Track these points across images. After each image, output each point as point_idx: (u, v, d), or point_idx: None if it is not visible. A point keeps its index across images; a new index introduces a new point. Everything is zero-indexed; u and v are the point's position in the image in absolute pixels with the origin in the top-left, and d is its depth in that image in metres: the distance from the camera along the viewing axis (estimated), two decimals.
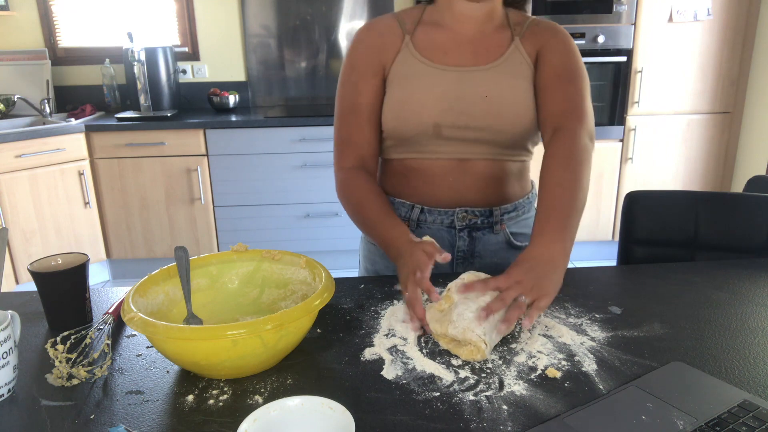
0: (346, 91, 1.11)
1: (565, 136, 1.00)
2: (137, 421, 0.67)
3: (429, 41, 1.09)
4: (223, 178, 3.06)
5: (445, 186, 1.11)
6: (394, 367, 0.77)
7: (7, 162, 2.72)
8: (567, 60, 1.06)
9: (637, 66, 3.11)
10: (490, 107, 1.04)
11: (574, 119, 1.02)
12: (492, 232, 1.14)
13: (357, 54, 1.11)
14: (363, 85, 1.09)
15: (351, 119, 1.10)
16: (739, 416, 0.64)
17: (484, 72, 1.06)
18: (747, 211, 1.30)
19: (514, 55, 1.07)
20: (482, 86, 1.05)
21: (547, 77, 1.05)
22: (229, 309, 0.92)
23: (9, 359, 0.71)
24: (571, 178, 0.95)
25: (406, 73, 1.07)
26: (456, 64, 1.07)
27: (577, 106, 1.03)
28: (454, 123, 1.06)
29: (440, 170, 1.10)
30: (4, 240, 0.91)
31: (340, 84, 1.12)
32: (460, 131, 1.06)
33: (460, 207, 1.11)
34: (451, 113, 1.05)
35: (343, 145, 1.12)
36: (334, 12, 3.39)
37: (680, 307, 0.94)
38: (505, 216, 1.13)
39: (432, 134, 1.07)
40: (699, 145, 3.26)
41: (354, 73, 1.10)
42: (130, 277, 3.27)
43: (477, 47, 1.08)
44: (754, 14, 3.09)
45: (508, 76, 1.06)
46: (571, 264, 1.11)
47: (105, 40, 3.39)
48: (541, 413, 0.67)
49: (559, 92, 1.04)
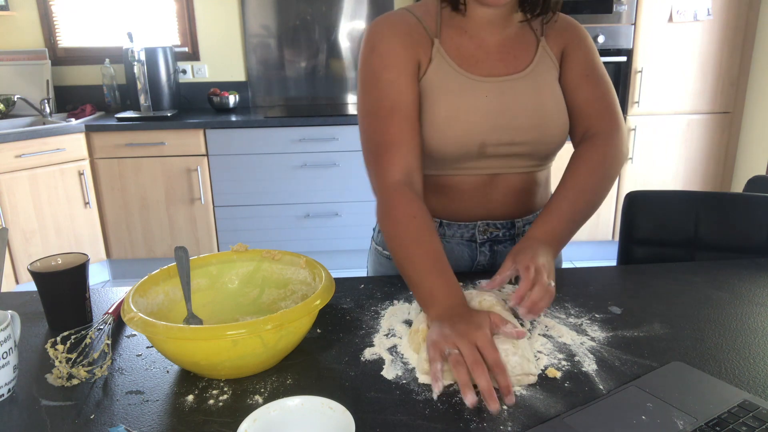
0: (384, 90, 0.95)
1: (600, 141, 0.98)
2: (137, 421, 0.67)
3: (458, 48, 0.99)
4: (223, 178, 3.06)
5: (471, 201, 1.04)
6: (394, 367, 0.77)
7: (7, 162, 2.72)
8: (592, 57, 1.03)
9: (637, 66, 3.11)
10: (534, 119, 0.98)
11: (609, 122, 1.00)
12: (514, 244, 1.08)
13: (388, 49, 0.96)
14: (404, 83, 0.95)
15: (395, 120, 0.94)
16: (739, 416, 0.64)
17: (520, 81, 0.99)
18: (747, 211, 1.30)
19: (544, 58, 1.01)
20: (523, 97, 0.98)
21: (575, 76, 1.01)
22: (229, 309, 0.92)
23: (9, 359, 0.71)
24: (595, 188, 0.96)
25: (447, 86, 0.97)
26: (489, 74, 0.99)
27: (609, 106, 1.01)
28: (499, 140, 0.98)
29: (470, 186, 1.03)
30: (4, 240, 0.91)
31: (372, 84, 0.96)
32: (504, 148, 0.99)
33: (482, 220, 1.06)
34: (498, 130, 0.97)
35: (386, 152, 0.93)
36: (334, 12, 3.39)
37: (680, 307, 0.94)
38: (527, 227, 1.08)
39: (476, 153, 0.99)
40: (699, 145, 3.26)
41: (389, 71, 0.95)
42: (130, 277, 3.28)
43: (504, 54, 1.00)
44: (754, 14, 3.09)
45: (544, 82, 1.00)
46: (571, 264, 1.11)
47: (105, 40, 3.39)
48: (541, 413, 0.67)
49: (589, 92, 1.01)
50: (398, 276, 1.07)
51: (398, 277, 1.06)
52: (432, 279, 0.82)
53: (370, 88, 0.97)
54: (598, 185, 0.96)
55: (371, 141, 0.96)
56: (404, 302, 0.96)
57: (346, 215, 3.17)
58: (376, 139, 0.95)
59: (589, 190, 0.95)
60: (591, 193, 0.95)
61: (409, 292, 0.99)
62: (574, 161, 0.98)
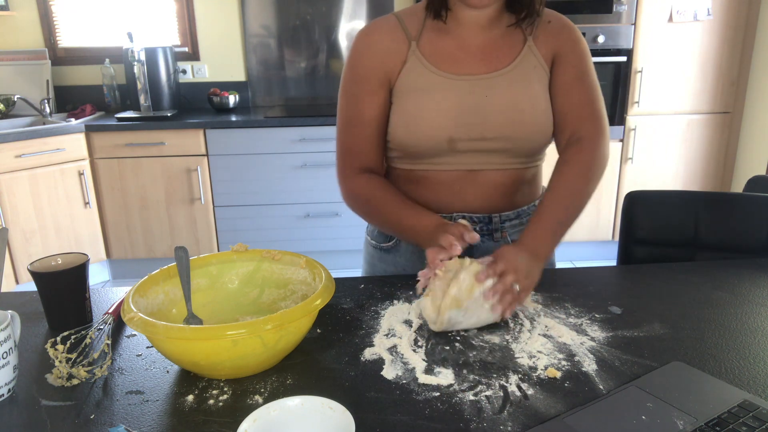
0: (349, 102, 1.05)
1: (586, 145, 1.00)
2: (137, 421, 0.67)
3: (436, 49, 1.02)
4: (223, 178, 3.06)
5: (450, 194, 1.06)
6: (394, 367, 0.77)
7: (7, 162, 2.72)
8: (586, 62, 1.03)
9: (637, 66, 3.11)
10: (506, 117, 0.99)
11: (594, 127, 1.01)
12: (492, 239, 1.09)
13: (359, 64, 1.04)
14: (367, 98, 1.03)
15: (355, 131, 1.05)
16: (739, 416, 0.64)
17: (496, 79, 1.00)
18: (747, 211, 1.30)
19: (528, 58, 1.02)
20: (496, 95, 1.00)
21: (567, 79, 1.02)
22: (229, 309, 0.92)
23: (9, 359, 0.71)
24: (583, 191, 0.98)
25: (416, 85, 1.01)
26: (467, 72, 1.01)
27: (595, 111, 1.02)
28: (469, 136, 1.00)
29: (448, 180, 1.05)
30: (4, 240, 0.91)
31: (342, 93, 1.06)
32: (475, 143, 1.01)
33: (457, 212, 1.07)
34: (466, 126, 1.00)
35: (346, 155, 1.07)
36: (334, 12, 3.39)
37: (680, 307, 0.94)
38: (506, 223, 1.09)
39: (446, 149, 1.02)
40: (699, 145, 3.26)
41: (356, 85, 1.04)
42: (130, 277, 3.27)
43: (487, 54, 1.02)
44: (754, 14, 3.09)
45: (522, 81, 1.00)
46: (571, 264, 1.11)
47: (105, 40, 3.39)
48: (541, 413, 0.67)
49: (579, 96, 1.02)
50: (398, 276, 1.07)
51: (398, 277, 1.06)
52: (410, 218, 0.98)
53: (341, 97, 1.07)
54: (587, 189, 0.99)
55: (338, 143, 1.08)
56: (404, 302, 0.96)
57: (346, 215, 3.17)
58: (340, 143, 1.08)
59: (577, 194, 0.98)
60: (579, 196, 0.98)
61: (409, 292, 0.99)
62: (563, 165, 1.00)
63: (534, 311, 0.92)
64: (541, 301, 0.96)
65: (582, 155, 1.00)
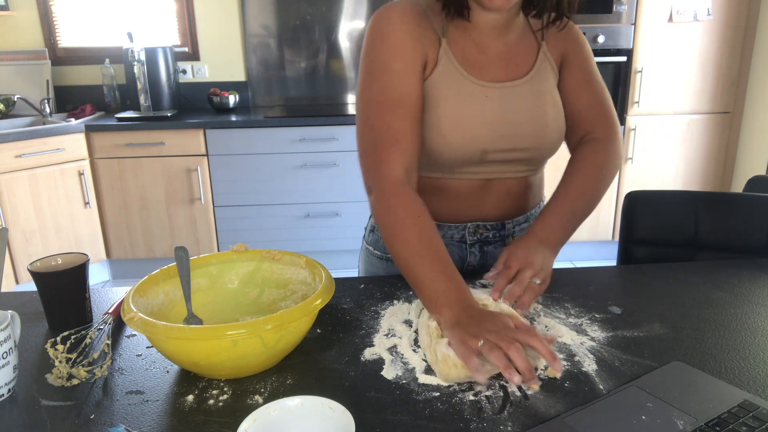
0: (388, 80, 0.90)
1: (601, 146, 1.00)
2: (137, 421, 0.67)
3: (462, 52, 0.96)
4: (223, 178, 3.06)
5: (465, 204, 1.04)
6: (394, 367, 0.77)
7: (7, 162, 2.72)
8: (591, 62, 1.04)
9: (637, 66, 3.11)
10: (534, 127, 0.98)
11: (608, 128, 1.02)
12: (504, 245, 1.09)
13: (398, 39, 0.91)
14: (410, 76, 0.91)
15: (398, 114, 0.89)
16: (739, 416, 0.64)
17: (521, 87, 0.97)
18: (747, 211, 1.30)
19: (544, 64, 1.00)
20: (525, 104, 0.97)
21: (576, 82, 1.02)
22: (229, 309, 0.92)
23: (9, 359, 0.71)
24: (594, 191, 0.99)
25: (452, 90, 0.94)
26: (491, 79, 0.97)
27: (607, 111, 1.02)
28: (501, 147, 0.97)
29: (465, 190, 1.03)
30: (4, 240, 0.91)
31: (379, 73, 0.91)
32: (504, 154, 0.98)
33: (472, 222, 1.06)
34: (501, 138, 0.96)
35: (389, 147, 0.89)
36: (334, 12, 3.39)
37: (680, 307, 0.94)
38: (517, 228, 1.09)
39: (476, 160, 0.98)
40: (699, 145, 3.26)
41: (397, 60, 0.91)
42: (130, 277, 3.27)
43: (506, 60, 0.99)
44: (754, 14, 3.09)
45: (544, 88, 0.99)
46: (571, 264, 1.11)
47: (105, 40, 3.39)
48: (541, 413, 0.67)
49: (589, 97, 1.02)
50: (398, 276, 1.07)
51: (398, 277, 1.06)
52: (443, 280, 0.81)
53: (378, 76, 0.91)
54: (598, 187, 1.00)
55: (373, 132, 0.91)
56: (404, 302, 0.96)
57: (346, 215, 3.17)
58: (379, 131, 0.90)
59: (590, 192, 0.99)
60: (591, 194, 0.99)
61: (410, 292, 0.99)
62: (576, 163, 1.01)
63: (534, 311, 0.92)
64: (541, 301, 0.96)
65: (597, 156, 1.00)
